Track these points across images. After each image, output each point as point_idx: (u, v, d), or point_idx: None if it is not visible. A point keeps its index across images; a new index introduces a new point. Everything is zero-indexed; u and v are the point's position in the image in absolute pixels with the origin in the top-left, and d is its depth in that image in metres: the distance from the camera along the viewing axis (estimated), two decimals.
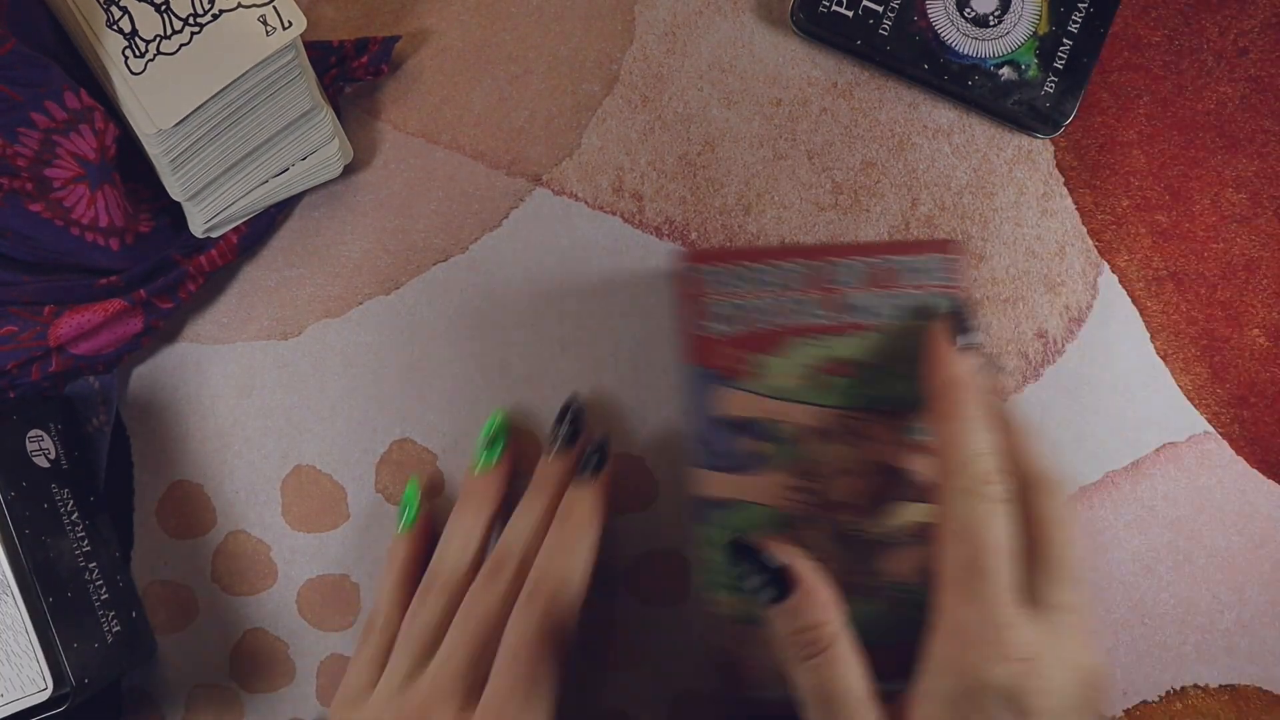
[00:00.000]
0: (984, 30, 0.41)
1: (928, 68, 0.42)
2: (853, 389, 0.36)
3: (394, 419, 0.44)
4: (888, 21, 0.41)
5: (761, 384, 0.36)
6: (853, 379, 0.36)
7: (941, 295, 0.36)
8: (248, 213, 0.43)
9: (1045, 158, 0.44)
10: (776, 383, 0.36)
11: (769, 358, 0.36)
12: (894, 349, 0.36)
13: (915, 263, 0.36)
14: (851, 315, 0.36)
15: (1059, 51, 0.41)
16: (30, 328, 0.40)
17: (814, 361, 0.36)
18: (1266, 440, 0.44)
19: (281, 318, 0.44)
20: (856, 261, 0.36)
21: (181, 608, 0.44)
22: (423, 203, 0.45)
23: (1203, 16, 0.44)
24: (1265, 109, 0.44)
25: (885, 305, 0.36)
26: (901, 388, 0.36)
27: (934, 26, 0.41)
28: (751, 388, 0.36)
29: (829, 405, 0.36)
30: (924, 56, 0.42)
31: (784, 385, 0.36)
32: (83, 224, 0.39)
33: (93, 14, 0.37)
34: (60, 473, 0.41)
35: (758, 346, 0.36)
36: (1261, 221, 0.44)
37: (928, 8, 0.41)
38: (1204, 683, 0.44)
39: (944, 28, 0.41)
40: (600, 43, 0.45)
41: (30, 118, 0.37)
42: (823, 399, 0.36)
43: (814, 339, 0.36)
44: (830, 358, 0.36)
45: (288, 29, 0.37)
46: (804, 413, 0.36)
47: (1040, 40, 0.41)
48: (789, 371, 0.36)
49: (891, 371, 0.36)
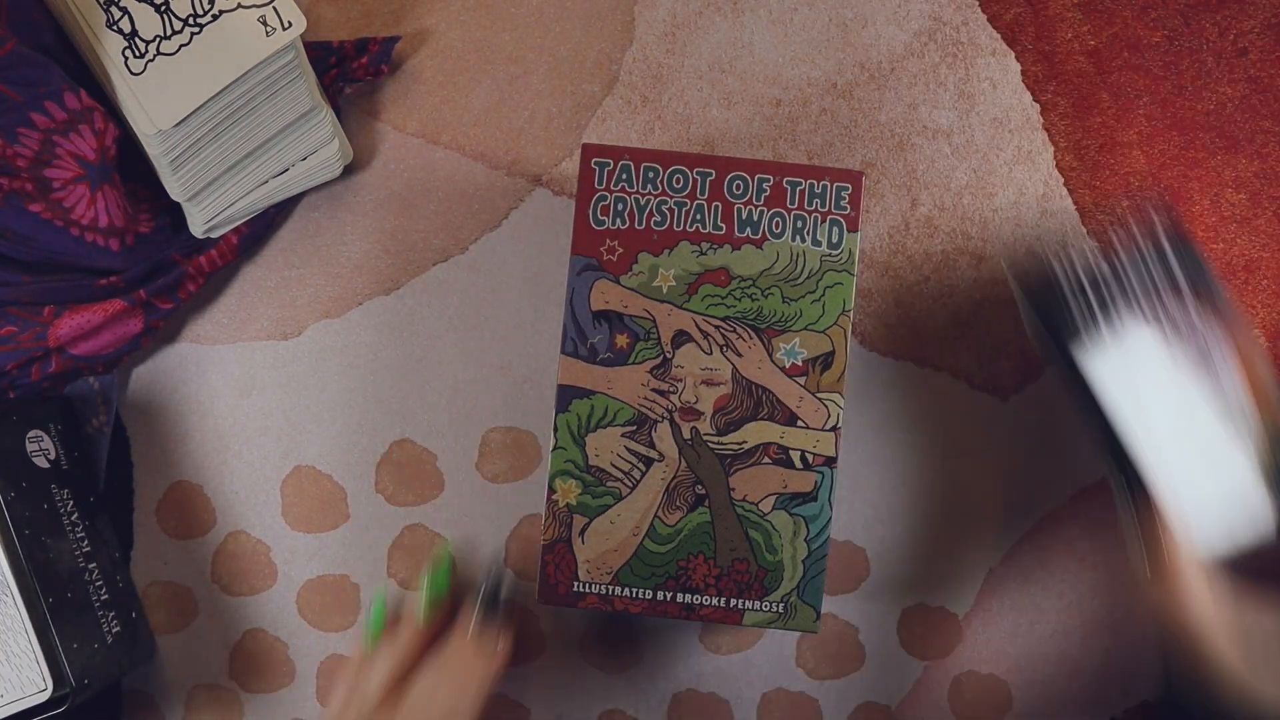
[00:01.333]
0: None
1: None
2: (729, 300, 0.37)
3: (394, 419, 0.44)
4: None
5: (639, 281, 0.36)
6: (731, 290, 0.37)
7: (835, 221, 0.37)
8: (248, 213, 0.43)
9: (1045, 158, 0.44)
10: (655, 282, 0.36)
11: (652, 257, 0.37)
12: (777, 269, 0.37)
13: (814, 187, 0.37)
14: (741, 229, 0.37)
15: None
16: (30, 328, 0.40)
17: (696, 267, 0.37)
18: None
19: (281, 318, 0.44)
20: (755, 177, 0.37)
21: (181, 608, 0.44)
22: (423, 203, 0.45)
23: (1202, 17, 0.44)
24: (1265, 109, 0.44)
25: (776, 224, 0.37)
26: (777, 307, 0.36)
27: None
28: (628, 283, 0.36)
29: (701, 312, 0.36)
30: None
31: (661, 285, 0.36)
32: (82, 224, 0.39)
33: (93, 15, 0.37)
34: (60, 473, 0.41)
35: (644, 245, 0.37)
36: (1261, 222, 0.44)
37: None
38: None
39: None
40: (600, 43, 0.45)
41: (30, 118, 0.37)
42: (697, 305, 0.36)
43: (700, 245, 0.37)
44: (712, 266, 0.37)
45: (288, 29, 0.37)
46: (675, 315, 0.36)
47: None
48: (669, 272, 0.36)
49: (771, 290, 0.37)
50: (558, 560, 0.36)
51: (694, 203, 0.37)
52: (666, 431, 0.36)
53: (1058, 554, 0.44)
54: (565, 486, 0.36)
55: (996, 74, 0.44)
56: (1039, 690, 0.44)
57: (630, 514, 0.36)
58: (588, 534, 0.36)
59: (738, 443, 0.36)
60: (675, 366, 0.36)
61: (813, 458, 0.36)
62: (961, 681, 0.44)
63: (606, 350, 0.36)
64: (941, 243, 0.44)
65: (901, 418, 0.44)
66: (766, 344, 0.36)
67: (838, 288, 0.36)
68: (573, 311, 0.36)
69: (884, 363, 0.44)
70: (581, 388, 0.36)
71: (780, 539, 0.36)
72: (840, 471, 0.44)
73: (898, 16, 0.44)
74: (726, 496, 0.36)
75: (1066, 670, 0.44)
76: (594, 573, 0.36)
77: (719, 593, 0.36)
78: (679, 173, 0.37)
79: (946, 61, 0.44)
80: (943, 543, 0.44)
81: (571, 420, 0.36)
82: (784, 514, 0.36)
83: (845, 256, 0.37)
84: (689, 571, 0.36)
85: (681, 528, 0.36)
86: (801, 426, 0.36)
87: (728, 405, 0.36)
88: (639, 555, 0.36)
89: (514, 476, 0.44)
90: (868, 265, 0.44)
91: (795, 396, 0.36)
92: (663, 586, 0.36)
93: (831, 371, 0.36)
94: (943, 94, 0.44)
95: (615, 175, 0.37)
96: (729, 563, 0.36)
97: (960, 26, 0.44)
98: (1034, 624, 0.44)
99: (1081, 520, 0.44)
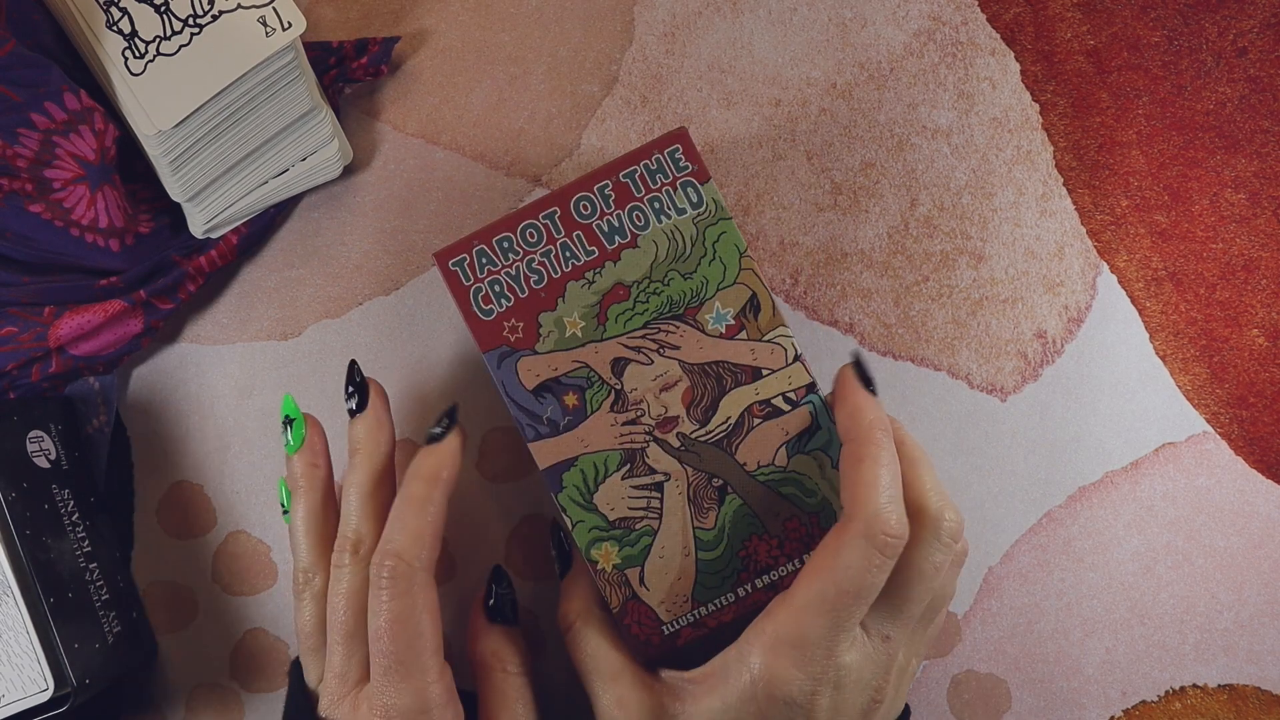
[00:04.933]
0: None
1: None
2: (638, 307, 0.36)
3: (394, 419, 0.44)
4: None
5: (553, 341, 0.36)
6: (635, 298, 0.36)
7: (685, 183, 0.37)
8: (247, 213, 0.43)
9: (1044, 158, 0.44)
10: (567, 333, 0.36)
11: (550, 313, 0.36)
12: (662, 255, 0.36)
13: (649, 165, 0.37)
14: (610, 241, 0.37)
15: None
16: (30, 329, 0.40)
17: (592, 298, 0.36)
18: (1265, 440, 0.44)
19: (281, 318, 0.45)
20: (596, 189, 0.37)
21: (182, 608, 0.44)
22: (423, 203, 0.45)
23: (1202, 17, 0.44)
24: (1264, 109, 0.44)
25: (638, 218, 0.37)
26: (683, 287, 0.36)
27: None
28: (543, 349, 0.36)
29: (621, 332, 0.36)
30: None
31: (573, 333, 0.36)
32: (82, 225, 0.39)
33: (92, 15, 0.37)
34: (60, 473, 0.41)
35: (538, 307, 0.36)
36: (1260, 221, 0.44)
37: None
38: (1203, 682, 0.44)
39: None
40: (599, 43, 0.45)
41: (30, 119, 0.37)
42: (615, 330, 0.36)
43: (585, 277, 0.36)
44: (606, 288, 0.36)
45: (287, 30, 0.37)
46: (601, 349, 0.36)
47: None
48: (572, 317, 0.36)
49: (669, 276, 0.36)
50: (637, 619, 0.37)
51: (557, 244, 0.37)
52: (658, 451, 0.37)
53: (1057, 554, 0.44)
54: (602, 553, 0.37)
55: (996, 74, 0.44)
56: (1038, 690, 0.44)
57: (672, 540, 0.36)
58: (647, 579, 0.37)
59: (723, 422, 0.37)
60: (629, 391, 0.36)
61: (795, 393, 0.37)
62: (960, 681, 0.44)
63: (563, 416, 0.36)
64: (941, 243, 0.44)
65: (901, 418, 0.44)
66: (694, 324, 0.37)
67: (724, 237, 0.37)
68: (514, 401, 0.36)
69: (883, 362, 0.44)
70: (563, 461, 0.36)
71: (811, 480, 0.37)
72: None
73: (897, 16, 0.44)
74: (743, 474, 0.37)
75: (1066, 670, 0.44)
76: (673, 610, 0.37)
77: (789, 557, 0.37)
78: (530, 227, 0.37)
79: (946, 61, 0.44)
80: None
81: (572, 494, 0.37)
82: (801, 456, 0.37)
83: (713, 207, 0.37)
84: (752, 557, 0.37)
85: (723, 524, 0.37)
86: (768, 374, 0.37)
87: (695, 397, 0.37)
88: (701, 569, 0.37)
89: (515, 476, 0.44)
90: (867, 265, 0.44)
91: (746, 352, 0.37)
92: (738, 584, 0.37)
93: (764, 313, 0.37)
94: (942, 94, 0.44)
95: (476, 265, 0.37)
96: (781, 528, 0.37)
97: (959, 26, 0.44)
98: (1033, 624, 0.44)
99: (1081, 520, 0.44)
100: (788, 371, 0.36)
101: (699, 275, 0.36)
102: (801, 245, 0.44)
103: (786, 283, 0.44)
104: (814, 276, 0.44)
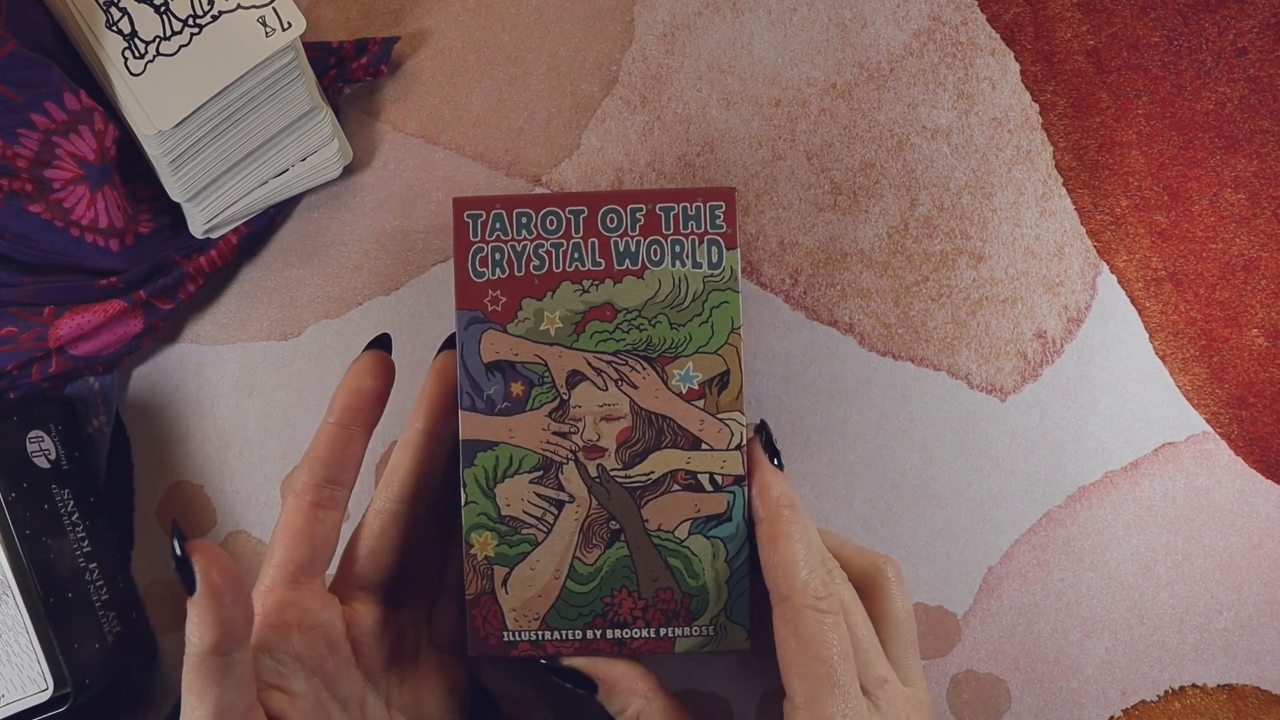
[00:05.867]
0: None
1: None
2: (617, 334, 0.36)
3: (394, 420, 0.44)
4: None
5: (526, 327, 0.36)
6: (618, 324, 0.36)
7: (713, 241, 0.36)
8: (247, 213, 0.43)
9: (1044, 158, 0.44)
10: (542, 326, 0.36)
11: (535, 301, 0.36)
12: (661, 296, 0.36)
13: (687, 210, 0.37)
14: (620, 261, 0.36)
15: None
16: (30, 329, 0.40)
17: (580, 306, 0.36)
18: (1265, 440, 0.44)
19: (281, 318, 0.45)
20: (629, 208, 0.37)
21: (182, 608, 0.44)
22: (423, 203, 0.45)
23: (1201, 17, 0.44)
24: (1264, 109, 0.44)
25: (655, 252, 0.36)
26: (666, 334, 0.36)
27: None
28: (515, 331, 0.36)
29: (591, 350, 0.36)
30: None
31: (548, 329, 0.36)
32: (82, 225, 0.40)
33: (92, 15, 0.37)
34: (60, 473, 0.41)
35: (526, 291, 0.36)
36: (1260, 222, 0.44)
37: None
38: (1202, 682, 0.44)
39: None
40: (599, 43, 0.45)
41: (30, 119, 0.37)
42: (586, 344, 0.36)
43: (582, 284, 0.36)
44: (596, 302, 0.36)
45: (287, 30, 0.37)
46: (566, 356, 0.36)
47: None
48: (553, 314, 0.36)
49: (657, 318, 0.36)
50: (484, 613, 0.37)
51: (570, 242, 0.37)
52: (574, 472, 0.36)
53: (1057, 554, 0.44)
54: (481, 540, 0.37)
55: (995, 74, 0.44)
56: (1038, 690, 0.44)
57: (549, 558, 0.36)
58: (510, 583, 0.37)
59: (645, 474, 0.36)
60: (573, 407, 0.36)
61: (722, 479, 0.36)
62: (960, 681, 0.44)
63: (503, 400, 0.36)
64: (940, 243, 0.44)
65: (900, 418, 0.44)
66: (660, 372, 0.36)
67: (724, 307, 0.36)
68: (465, 366, 0.36)
69: (883, 362, 0.44)
70: (484, 440, 0.36)
71: (700, 563, 0.36)
72: (840, 470, 0.44)
73: (896, 16, 0.45)
74: (641, 528, 0.36)
75: (1066, 670, 0.44)
76: (521, 621, 0.37)
77: (647, 624, 0.37)
78: (552, 214, 0.37)
79: (945, 61, 0.44)
80: (941, 542, 0.44)
81: (479, 473, 0.37)
82: (700, 538, 0.36)
83: (727, 275, 0.36)
84: (615, 607, 0.36)
85: (601, 565, 0.36)
86: (706, 449, 0.36)
87: (630, 438, 0.36)
88: (563, 597, 0.37)
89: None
90: (867, 265, 0.44)
91: (696, 420, 0.36)
92: (591, 625, 0.37)
93: (729, 391, 0.36)
94: (942, 94, 0.44)
95: (489, 226, 0.37)
96: (653, 593, 0.36)
97: (959, 26, 0.44)
98: (1033, 624, 0.44)
99: (1081, 520, 0.44)
100: (725, 455, 0.36)
101: (685, 330, 0.36)
102: (801, 245, 0.44)
103: (786, 283, 0.44)
104: (814, 276, 0.44)
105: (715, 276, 0.36)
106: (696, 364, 0.36)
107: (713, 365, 0.36)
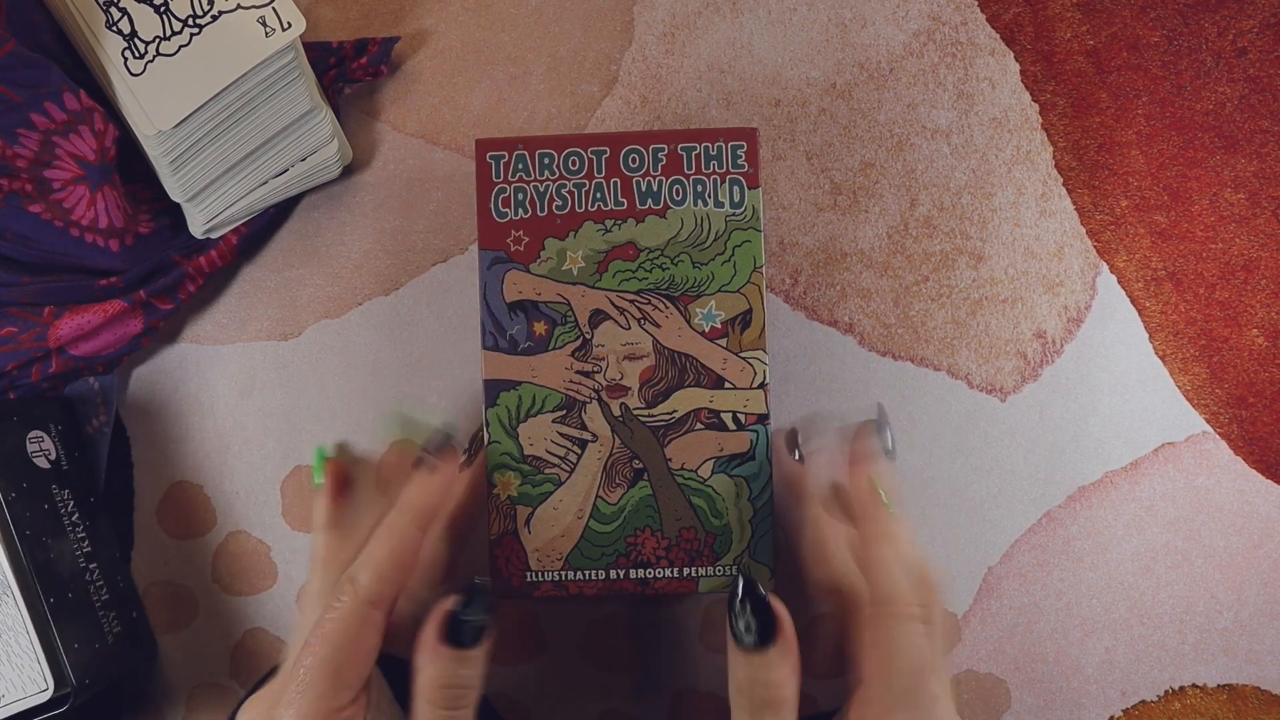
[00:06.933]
0: None
1: None
2: (640, 273, 0.37)
3: (393, 420, 0.44)
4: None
5: (549, 267, 0.37)
6: (641, 263, 0.37)
7: (735, 180, 0.37)
8: (247, 214, 0.43)
9: (1044, 158, 0.44)
10: (564, 266, 0.37)
11: (558, 241, 0.37)
12: (683, 235, 0.37)
13: (709, 150, 0.37)
14: (643, 201, 0.37)
15: None
16: (30, 329, 0.40)
17: (603, 245, 0.37)
18: (1265, 440, 0.44)
19: (281, 318, 0.45)
20: (651, 148, 0.37)
21: (182, 608, 0.44)
22: (423, 203, 0.45)
23: (1201, 17, 0.44)
24: (1264, 109, 0.44)
25: (677, 191, 0.37)
26: (689, 273, 0.37)
27: None
28: (538, 271, 0.37)
29: (614, 289, 0.37)
30: None
31: (570, 268, 0.37)
32: (82, 225, 0.39)
33: (92, 16, 0.37)
34: (61, 474, 0.41)
35: (549, 231, 0.37)
36: (1260, 221, 0.44)
37: None
38: (1202, 682, 0.44)
39: None
40: (599, 43, 0.45)
41: (30, 119, 0.37)
42: (609, 283, 0.37)
43: (604, 223, 0.37)
44: (619, 241, 0.37)
45: (287, 30, 0.37)
46: (589, 295, 0.37)
47: None
48: (576, 254, 0.37)
49: (680, 257, 0.37)
50: (507, 554, 0.37)
51: (592, 182, 0.37)
52: (596, 411, 0.36)
53: (1057, 554, 0.44)
54: (504, 479, 0.37)
55: (995, 74, 0.44)
56: (1038, 690, 0.44)
57: (572, 498, 0.36)
58: (533, 523, 0.36)
59: (668, 413, 0.37)
60: (596, 346, 0.37)
61: (745, 417, 0.37)
62: (960, 681, 0.44)
63: (526, 340, 0.37)
64: (940, 243, 0.44)
65: (900, 418, 0.44)
66: (683, 311, 0.37)
67: (746, 245, 0.37)
68: (488, 306, 0.37)
69: (883, 362, 0.44)
70: (507, 380, 0.37)
71: (724, 502, 0.36)
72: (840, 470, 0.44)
73: (896, 16, 0.44)
74: (664, 467, 0.37)
75: (1066, 670, 0.44)
76: (544, 561, 0.37)
77: (671, 564, 0.36)
78: (574, 154, 0.37)
79: (945, 61, 0.44)
80: (941, 542, 0.44)
81: (501, 413, 0.37)
82: (724, 477, 0.36)
83: (750, 214, 0.37)
84: (638, 547, 0.36)
85: (624, 505, 0.36)
86: (729, 388, 0.37)
87: (653, 377, 0.37)
88: (586, 537, 0.36)
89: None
90: (867, 265, 0.44)
91: (719, 359, 0.37)
92: (614, 565, 0.36)
93: (751, 330, 0.37)
94: (941, 94, 0.44)
95: (512, 166, 0.37)
96: (676, 533, 0.36)
97: (959, 26, 0.44)
98: (1033, 624, 0.44)
99: (1081, 520, 0.44)
100: (748, 394, 0.36)
101: (708, 269, 0.36)
102: (801, 245, 0.44)
103: (786, 283, 0.44)
104: (814, 276, 0.44)
105: (737, 216, 0.37)
106: (719, 303, 0.36)
107: (735, 304, 0.36)
